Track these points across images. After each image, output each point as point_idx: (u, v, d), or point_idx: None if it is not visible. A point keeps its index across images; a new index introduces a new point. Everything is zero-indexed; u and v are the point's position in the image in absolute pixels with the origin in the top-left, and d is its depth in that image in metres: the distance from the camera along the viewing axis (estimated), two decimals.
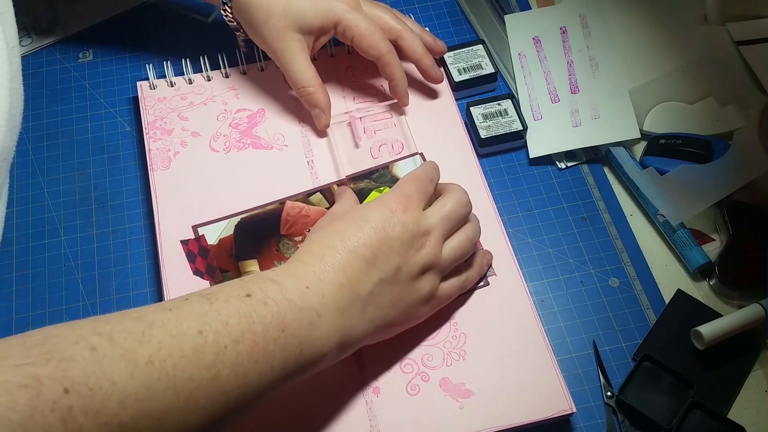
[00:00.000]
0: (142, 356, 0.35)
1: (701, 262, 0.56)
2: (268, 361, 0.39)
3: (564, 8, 0.70)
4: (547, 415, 0.48)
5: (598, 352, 0.54)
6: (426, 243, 0.47)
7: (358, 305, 0.44)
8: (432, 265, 0.47)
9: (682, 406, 0.50)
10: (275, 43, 0.57)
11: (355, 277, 0.44)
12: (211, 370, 0.37)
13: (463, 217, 0.50)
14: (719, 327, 0.52)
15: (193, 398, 0.36)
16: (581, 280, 0.57)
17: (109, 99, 0.66)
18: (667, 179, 0.60)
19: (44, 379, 0.32)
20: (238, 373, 0.38)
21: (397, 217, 0.46)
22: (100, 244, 0.58)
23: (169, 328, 0.37)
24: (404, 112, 0.62)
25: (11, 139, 0.53)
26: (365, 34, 0.58)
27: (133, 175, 0.62)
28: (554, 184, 0.61)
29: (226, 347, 0.38)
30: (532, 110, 0.64)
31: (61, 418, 0.31)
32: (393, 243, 0.45)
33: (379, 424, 0.48)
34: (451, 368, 0.50)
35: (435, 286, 0.48)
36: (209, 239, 0.55)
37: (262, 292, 0.41)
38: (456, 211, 0.49)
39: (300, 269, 0.43)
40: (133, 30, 0.71)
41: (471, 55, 0.66)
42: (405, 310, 0.47)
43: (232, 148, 0.60)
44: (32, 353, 0.33)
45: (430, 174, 0.51)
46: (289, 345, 0.40)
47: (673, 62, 0.67)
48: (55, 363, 0.33)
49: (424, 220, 0.47)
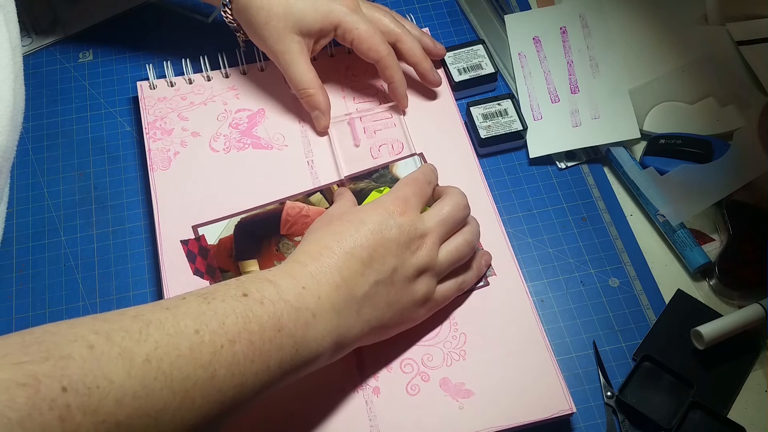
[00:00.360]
0: (140, 355, 0.35)
1: (701, 262, 0.56)
2: (264, 361, 0.39)
3: (564, 8, 0.70)
4: (547, 415, 0.48)
5: (598, 352, 0.54)
6: (422, 245, 0.47)
7: (354, 306, 0.44)
8: (428, 268, 0.47)
9: (682, 406, 0.50)
10: (275, 45, 0.57)
11: (351, 278, 0.44)
12: (208, 369, 0.37)
13: (461, 221, 0.50)
14: (719, 327, 0.52)
15: (190, 397, 0.36)
16: (581, 280, 0.57)
17: (109, 99, 0.66)
18: (667, 179, 0.60)
19: (42, 378, 0.32)
20: (234, 372, 0.38)
21: (394, 219, 0.46)
22: (100, 244, 0.58)
23: (166, 327, 0.37)
24: (404, 112, 0.62)
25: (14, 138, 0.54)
26: (365, 37, 0.58)
27: (133, 175, 0.62)
28: (554, 184, 0.61)
29: (222, 346, 0.38)
30: (532, 110, 0.64)
31: (59, 417, 0.32)
32: (389, 245, 0.45)
33: (379, 424, 0.48)
34: (451, 368, 0.50)
35: (431, 289, 0.48)
36: (209, 239, 0.55)
37: (258, 292, 0.41)
38: (453, 214, 0.49)
39: (296, 270, 0.44)
40: (133, 30, 0.71)
41: (471, 55, 0.66)
42: (400, 311, 0.47)
43: (232, 148, 0.60)
44: (31, 351, 0.33)
45: (428, 177, 0.51)
46: (285, 345, 0.40)
47: (673, 62, 0.67)
48: (54, 361, 0.33)
49: (421, 223, 0.47)
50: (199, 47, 0.66)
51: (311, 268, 0.44)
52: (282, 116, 0.62)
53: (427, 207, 0.51)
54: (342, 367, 0.49)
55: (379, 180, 0.58)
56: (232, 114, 0.62)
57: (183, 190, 0.58)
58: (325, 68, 0.63)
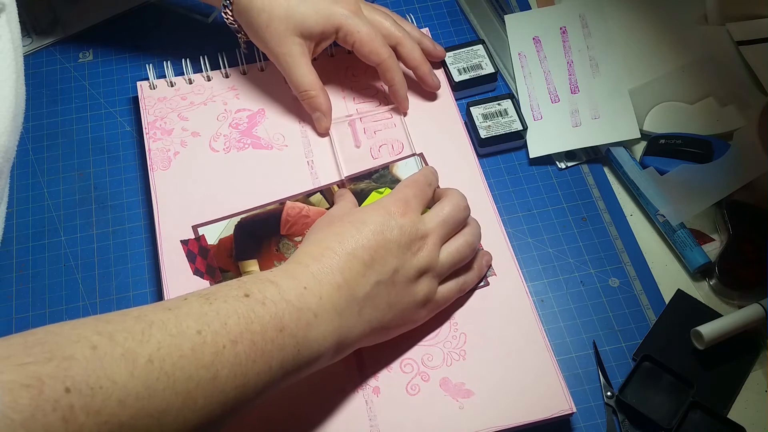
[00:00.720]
0: (142, 356, 0.35)
1: (701, 262, 0.56)
2: (266, 361, 0.40)
3: (564, 8, 0.70)
4: (547, 415, 0.48)
5: (598, 352, 0.54)
6: (423, 246, 0.47)
7: (355, 307, 0.44)
8: (429, 269, 0.48)
9: (682, 406, 0.50)
10: (276, 47, 0.58)
11: (353, 279, 0.44)
12: (210, 369, 0.37)
13: (461, 221, 0.51)
14: (719, 327, 0.52)
15: (192, 397, 0.36)
16: (581, 280, 0.57)
17: (109, 99, 0.66)
18: (667, 179, 0.60)
19: (46, 378, 0.32)
20: (237, 372, 0.38)
21: (395, 221, 0.46)
22: (100, 244, 0.58)
23: (168, 328, 0.37)
24: (405, 113, 0.62)
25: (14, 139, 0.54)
26: (366, 40, 0.58)
27: (133, 175, 0.62)
28: (554, 184, 0.61)
29: (224, 347, 0.38)
30: (532, 110, 0.64)
31: (63, 417, 0.32)
32: (390, 246, 0.46)
33: (379, 424, 0.48)
34: (451, 368, 0.50)
35: (432, 290, 0.48)
36: (209, 239, 0.55)
37: (260, 292, 0.41)
38: (454, 215, 0.50)
39: (298, 270, 0.44)
40: (133, 30, 0.71)
41: (471, 55, 0.66)
42: (401, 312, 0.47)
43: (232, 148, 0.60)
44: (34, 352, 0.33)
45: (429, 179, 0.52)
46: (286, 345, 0.40)
47: (673, 62, 0.67)
48: (57, 362, 0.33)
49: (422, 224, 0.48)
50: (199, 47, 0.66)
51: (313, 269, 0.44)
52: (282, 116, 0.62)
53: (428, 209, 0.51)
54: (342, 368, 0.49)
55: (380, 180, 0.58)
56: (232, 114, 0.62)
57: (183, 190, 0.58)
58: (325, 69, 0.63)
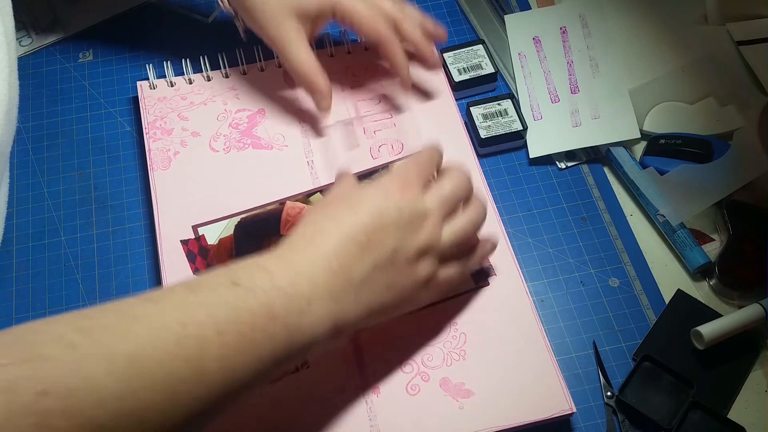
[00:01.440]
0: (122, 352, 0.33)
1: (701, 262, 0.56)
2: (256, 352, 0.37)
3: (564, 8, 0.70)
4: (547, 415, 0.48)
5: (598, 352, 0.54)
6: (424, 226, 0.45)
7: (351, 291, 0.42)
8: (430, 248, 0.45)
9: (682, 406, 0.50)
10: (273, 29, 0.56)
11: (349, 264, 0.42)
12: (195, 363, 0.35)
13: (464, 198, 0.48)
14: (719, 327, 0.52)
15: (175, 394, 0.34)
16: (581, 280, 0.57)
17: (109, 99, 0.66)
18: (667, 179, 0.60)
19: (21, 381, 0.31)
20: (224, 365, 0.36)
21: (393, 200, 0.44)
22: (100, 244, 0.58)
23: (150, 321, 0.35)
24: (404, 111, 0.62)
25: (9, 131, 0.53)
26: (365, 17, 0.57)
27: (133, 175, 0.62)
28: (554, 184, 0.61)
29: (209, 339, 0.36)
30: (532, 110, 0.64)
31: (37, 423, 0.30)
32: (388, 226, 0.43)
33: (379, 424, 0.48)
34: (451, 368, 0.50)
35: (434, 270, 0.46)
36: (209, 239, 0.55)
37: (250, 280, 0.39)
38: (455, 192, 0.47)
39: (291, 255, 0.41)
40: (133, 30, 0.71)
41: (471, 55, 0.66)
42: (402, 293, 0.44)
43: (232, 148, 0.60)
44: (10, 352, 0.32)
45: (432, 156, 0.49)
46: (277, 334, 0.38)
47: (673, 62, 0.67)
48: (33, 363, 0.31)
49: (421, 203, 0.45)
50: (199, 47, 0.66)
51: (307, 253, 0.41)
52: (282, 116, 0.62)
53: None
54: (342, 367, 0.49)
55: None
56: (232, 114, 0.62)
57: (183, 190, 0.58)
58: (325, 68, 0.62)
